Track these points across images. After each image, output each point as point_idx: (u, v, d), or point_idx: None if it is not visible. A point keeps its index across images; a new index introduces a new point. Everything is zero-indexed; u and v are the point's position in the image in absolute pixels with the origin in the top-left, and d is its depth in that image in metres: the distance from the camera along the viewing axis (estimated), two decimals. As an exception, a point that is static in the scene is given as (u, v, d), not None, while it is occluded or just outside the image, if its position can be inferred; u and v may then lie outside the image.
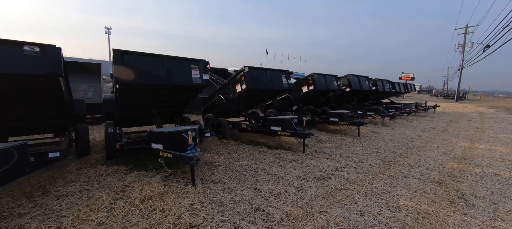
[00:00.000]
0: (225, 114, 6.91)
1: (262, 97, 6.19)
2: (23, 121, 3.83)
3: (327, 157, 4.53)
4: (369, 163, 4.22)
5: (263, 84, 5.41)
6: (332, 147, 5.31)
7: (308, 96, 7.50)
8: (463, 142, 6.33)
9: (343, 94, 9.15)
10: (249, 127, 5.35)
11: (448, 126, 9.09)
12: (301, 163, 4.09)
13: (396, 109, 10.45)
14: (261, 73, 5.42)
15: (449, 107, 19.41)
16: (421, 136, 6.90)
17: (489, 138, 6.92)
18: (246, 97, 5.84)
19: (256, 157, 4.39)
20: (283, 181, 3.28)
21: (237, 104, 6.28)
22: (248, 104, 6.60)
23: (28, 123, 3.98)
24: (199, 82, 4.23)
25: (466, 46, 29.29)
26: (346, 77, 8.75)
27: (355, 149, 5.19)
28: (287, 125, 4.98)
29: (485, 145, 5.98)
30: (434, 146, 5.78)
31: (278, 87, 5.72)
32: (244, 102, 6.31)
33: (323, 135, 6.61)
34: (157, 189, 2.83)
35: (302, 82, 7.32)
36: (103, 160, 4.08)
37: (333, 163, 4.11)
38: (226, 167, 3.83)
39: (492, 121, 10.92)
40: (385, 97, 14.85)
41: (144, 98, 4.24)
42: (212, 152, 4.65)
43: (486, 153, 5.27)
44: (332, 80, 7.65)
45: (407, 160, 4.48)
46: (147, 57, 3.74)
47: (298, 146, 5.33)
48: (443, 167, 4.21)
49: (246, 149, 4.93)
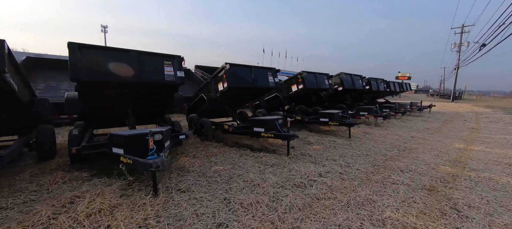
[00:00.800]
0: (209, 114, 6.58)
1: (247, 96, 5.86)
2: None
3: (312, 161, 4.21)
4: (356, 168, 3.91)
5: (247, 83, 5.08)
6: (320, 150, 5.00)
7: (298, 95, 7.19)
8: (457, 144, 6.06)
9: (336, 94, 8.86)
10: (230, 129, 5.02)
11: (443, 127, 8.85)
12: (283, 168, 3.77)
13: (390, 109, 10.20)
14: (245, 70, 5.09)
15: (445, 107, 19.27)
16: (414, 137, 6.63)
17: (485, 139, 6.67)
18: (230, 96, 5.51)
19: (236, 161, 4.06)
20: (258, 190, 2.95)
21: (221, 104, 5.95)
22: (233, 104, 6.27)
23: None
24: (173, 80, 3.89)
25: (462, 45, 29.25)
26: (338, 76, 8.46)
27: (344, 152, 4.89)
28: (270, 126, 4.67)
29: (480, 147, 5.72)
30: (427, 148, 5.50)
31: (264, 85, 5.40)
32: (229, 101, 5.98)
33: (312, 136, 6.30)
34: (110, 200, 2.48)
35: (292, 80, 7.01)
36: (67, 164, 3.73)
37: (318, 168, 3.79)
38: (200, 172, 3.50)
39: (488, 121, 10.72)
40: (380, 96, 14.61)
41: (111, 97, 3.88)
42: (189, 155, 4.31)
43: (481, 155, 5.00)
44: (323, 79, 7.35)
45: (398, 164, 4.18)
46: (110, 51, 3.39)
47: (283, 148, 5.01)
48: (436, 171, 3.92)
49: (227, 152, 4.60)
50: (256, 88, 5.33)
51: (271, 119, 4.69)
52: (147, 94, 4.05)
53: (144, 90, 3.86)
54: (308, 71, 6.73)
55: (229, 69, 4.74)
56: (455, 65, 30.68)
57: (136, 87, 3.69)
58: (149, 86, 3.77)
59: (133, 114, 4.54)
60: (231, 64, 4.78)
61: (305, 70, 6.65)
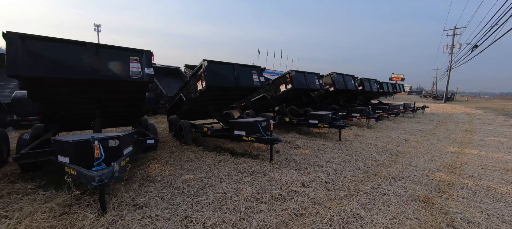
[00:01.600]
0: (191, 115, 6.14)
1: (230, 96, 5.45)
2: None
3: (297, 167, 3.84)
4: (344, 175, 3.55)
5: (228, 81, 4.67)
6: (307, 154, 4.63)
7: (287, 96, 6.83)
8: (452, 147, 5.79)
9: (328, 94, 8.54)
10: (208, 132, 4.60)
11: (437, 128, 8.63)
12: (263, 176, 3.38)
13: (384, 110, 9.94)
14: (226, 68, 4.68)
15: (437, 108, 19.25)
16: (407, 140, 6.33)
17: (479, 142, 6.43)
18: (210, 96, 5.09)
19: (212, 168, 3.65)
20: (229, 204, 2.55)
21: (202, 105, 5.53)
22: (217, 104, 5.85)
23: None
24: (140, 77, 3.45)
25: (454, 47, 29.52)
26: (330, 76, 8.14)
27: (333, 156, 4.53)
28: (252, 129, 4.27)
29: (476, 150, 5.45)
30: (421, 152, 5.19)
31: (247, 84, 5.00)
32: (211, 102, 5.56)
33: (301, 139, 5.93)
34: (41, 222, 2.04)
35: (280, 80, 6.63)
36: (16, 173, 3.25)
37: (302, 176, 3.41)
38: (166, 182, 3.07)
39: (481, 123, 10.58)
40: (373, 97, 14.42)
41: (67, 96, 3.42)
42: (161, 162, 3.88)
43: (477, 160, 4.72)
44: (314, 79, 7.00)
45: (390, 170, 3.84)
46: (61, 43, 2.93)
47: (267, 153, 4.61)
48: (430, 178, 3.59)
49: (205, 158, 4.18)
50: (238, 88, 4.93)
51: (253, 121, 4.29)
52: (110, 93, 3.60)
53: (104, 89, 3.41)
54: (297, 70, 6.37)
55: (208, 67, 4.32)
56: (448, 66, 30.97)
57: (94, 85, 3.25)
58: (110, 84, 3.33)
59: (101, 116, 4.09)
60: (209, 61, 4.37)
61: (294, 69, 6.29)
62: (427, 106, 14.87)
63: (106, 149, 2.60)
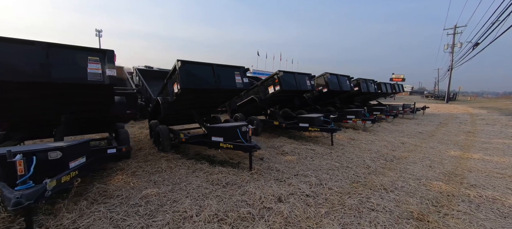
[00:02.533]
0: (173, 120, 5.79)
1: (210, 99, 5.08)
2: None
3: (277, 178, 3.44)
4: (329, 186, 3.15)
5: (206, 83, 4.31)
6: (293, 162, 4.24)
7: (275, 98, 6.45)
8: (453, 151, 5.36)
9: (321, 96, 8.15)
10: (183, 138, 4.23)
11: (437, 130, 8.19)
12: (237, 189, 2.99)
13: (381, 112, 9.52)
14: (204, 69, 4.33)
15: (439, 109, 18.75)
16: (405, 144, 5.91)
17: (483, 145, 5.99)
18: (189, 99, 4.73)
19: (181, 180, 3.27)
20: (186, 226, 2.17)
21: (184, 108, 5.17)
22: (200, 108, 5.48)
23: None
24: (99, 80, 3.10)
25: (455, 46, 29.05)
26: (323, 76, 7.75)
27: (321, 164, 4.13)
28: (231, 135, 3.90)
29: (479, 154, 5.02)
30: (418, 157, 4.78)
31: (228, 86, 4.64)
32: (192, 105, 5.20)
33: (290, 144, 5.54)
34: None
35: (268, 81, 6.27)
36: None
37: (280, 188, 3.02)
38: (123, 199, 2.70)
39: (484, 124, 10.11)
40: (372, 98, 14.00)
41: (18, 100, 3.07)
42: (127, 172, 3.50)
43: (480, 165, 4.30)
44: (304, 79, 6.62)
45: (382, 180, 3.43)
46: (5, 42, 2.59)
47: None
48: (427, 189, 3.18)
49: (179, 167, 3.80)
50: (218, 90, 4.57)
51: (232, 127, 3.92)
52: (67, 98, 3.24)
53: (58, 93, 3.07)
54: (285, 70, 6.00)
55: (182, 67, 3.97)
56: (449, 66, 30.46)
57: (45, 89, 2.90)
58: (65, 88, 2.98)
59: (67, 123, 3.74)
60: (183, 61, 4.02)
61: (282, 70, 5.92)
62: (428, 106, 14.40)
63: (44, 163, 2.24)
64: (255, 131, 6.58)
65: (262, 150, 5.01)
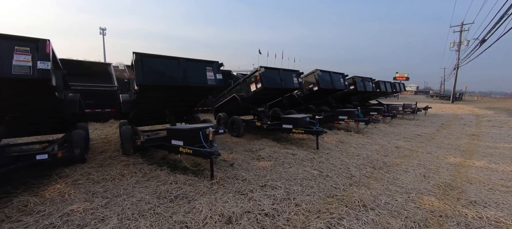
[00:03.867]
0: (143, 120, 5.33)
1: (179, 97, 4.58)
2: None
3: (240, 189, 2.95)
4: (297, 202, 2.64)
5: (171, 80, 3.84)
6: (266, 169, 3.74)
7: (258, 96, 5.94)
8: (453, 157, 4.78)
9: (312, 94, 7.60)
10: (138, 142, 3.75)
11: (438, 133, 7.56)
12: (185, 205, 2.51)
13: (378, 112, 8.92)
14: (168, 64, 3.85)
15: (443, 109, 17.94)
16: (399, 148, 5.34)
17: (487, 150, 5.38)
18: (155, 98, 4.26)
19: (124, 192, 2.80)
20: (91, 260, 1.69)
21: (150, 108, 4.71)
22: (172, 107, 5.00)
23: None
24: (28, 74, 2.65)
25: (461, 44, 28.00)
26: (313, 74, 7.20)
27: (296, 172, 3.62)
28: (192, 139, 3.41)
29: (482, 162, 4.43)
30: (412, 164, 4.22)
31: (198, 83, 4.16)
32: (159, 105, 4.73)
33: (271, 147, 5.03)
34: None
35: (250, 79, 5.75)
36: None
37: (237, 204, 2.53)
38: (42, 216, 2.24)
39: (490, 126, 9.41)
40: (371, 97, 13.37)
41: None
42: (68, 181, 3.05)
43: (483, 175, 3.72)
44: (291, 77, 6.09)
45: (363, 193, 2.91)
46: None
47: (217, 167, 3.74)
48: (416, 207, 2.65)
49: (131, 174, 3.34)
50: (186, 88, 4.09)
51: (194, 129, 3.43)
52: None
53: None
54: (268, 66, 5.48)
55: (138, 61, 3.50)
56: (455, 64, 29.41)
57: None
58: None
59: (11, 123, 3.32)
60: (140, 55, 3.54)
61: (264, 65, 5.39)
62: (430, 106, 13.66)
63: None
64: (237, 132, 6.10)
65: (237, 154, 4.53)
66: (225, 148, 5.06)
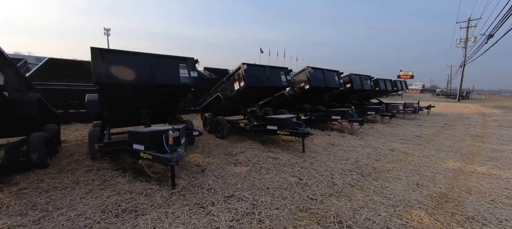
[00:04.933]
0: (117, 121, 5.03)
1: (150, 96, 4.23)
2: None
3: (200, 201, 2.60)
4: (261, 218, 2.27)
5: (136, 78, 3.50)
6: (239, 175, 3.38)
7: (241, 96, 5.57)
8: (452, 161, 4.33)
9: (304, 93, 7.19)
10: (96, 146, 3.42)
11: (439, 133, 7.07)
12: (130, 221, 2.18)
13: (376, 111, 8.45)
14: (133, 61, 3.52)
15: (448, 108, 17.25)
16: (394, 151, 4.91)
17: (492, 154, 4.90)
18: (119, 98, 3.93)
19: (67, 204, 2.48)
20: None
21: (124, 108, 4.40)
22: (148, 107, 4.67)
23: None
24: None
25: (468, 40, 27.04)
26: (305, 71, 6.79)
27: (272, 180, 3.24)
28: (153, 143, 3.07)
29: (485, 167, 3.98)
30: (406, 170, 3.80)
31: (169, 82, 3.82)
32: (143, 105, 4.42)
33: (253, 150, 4.67)
34: None
35: (234, 76, 5.39)
36: None
37: (190, 221, 2.18)
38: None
39: (497, 126, 8.84)
40: (371, 96, 12.85)
41: None
42: (11, 190, 2.75)
43: (485, 184, 3.29)
44: (278, 74, 5.71)
45: (342, 207, 2.52)
46: None
47: (188, 172, 3.40)
48: (402, 224, 2.25)
49: (86, 182, 3.02)
50: (156, 87, 3.76)
51: (155, 132, 3.09)
52: None
53: None
54: (251, 63, 5.10)
55: (96, 56, 3.17)
56: (461, 62, 28.44)
57: None
58: None
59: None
60: (100, 50, 3.21)
61: (247, 62, 5.02)
62: (433, 105, 13.07)
63: None
64: (221, 134, 5.76)
65: (214, 158, 4.18)
66: (204, 151, 4.72)
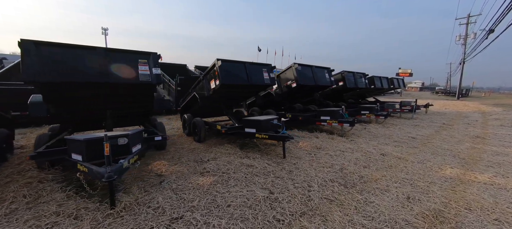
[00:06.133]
0: (83, 123, 4.54)
1: (105, 96, 3.70)
2: None
3: (138, 225, 2.12)
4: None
5: (80, 75, 3.01)
6: (202, 188, 2.90)
7: (218, 95, 5.06)
8: (450, 167, 3.85)
9: (291, 92, 6.69)
10: (27, 157, 2.94)
11: (437, 134, 6.59)
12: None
13: (371, 111, 7.98)
14: (76, 55, 3.02)
15: (447, 106, 16.77)
16: (385, 156, 4.43)
17: (494, 158, 4.42)
18: (65, 98, 3.43)
19: None
20: None
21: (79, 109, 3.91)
22: (114, 108, 4.17)
23: None
24: None
25: (468, 37, 26.51)
26: (291, 69, 6.30)
27: (237, 194, 2.76)
28: (92, 152, 2.59)
29: (487, 175, 3.50)
30: (396, 179, 3.32)
31: (124, 80, 3.33)
32: (107, 105, 3.92)
33: (227, 156, 4.19)
34: None
35: (210, 74, 4.89)
36: None
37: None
38: None
39: (498, 125, 8.36)
40: (367, 95, 12.37)
41: None
42: None
43: (487, 197, 2.81)
44: (260, 72, 5.21)
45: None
46: None
47: (144, 184, 2.92)
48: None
49: (17, 198, 2.54)
50: (110, 85, 3.27)
51: (95, 139, 2.61)
52: None
53: None
54: (227, 59, 4.59)
55: (26, 50, 2.67)
56: (461, 59, 27.94)
57: None
58: None
59: None
60: (35, 43, 2.72)
61: (222, 58, 4.51)
62: (431, 104, 12.59)
63: None
64: (198, 137, 5.28)
65: (181, 166, 3.71)
66: (174, 157, 4.25)
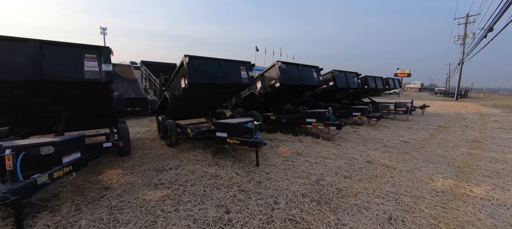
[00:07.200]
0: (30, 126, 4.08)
1: (39, 98, 3.21)
2: None
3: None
4: None
5: (11, 73, 2.57)
6: (146, 206, 2.44)
7: (188, 96, 4.60)
8: (442, 178, 3.41)
9: (275, 92, 6.23)
10: None
11: (431, 138, 6.15)
12: None
13: (362, 112, 7.53)
14: (5, 49, 2.58)
15: (445, 107, 16.34)
16: (371, 164, 3.98)
17: (492, 166, 3.98)
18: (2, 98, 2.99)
19: None
20: None
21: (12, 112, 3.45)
22: (70, 110, 3.72)
23: None
24: None
25: (467, 37, 26.13)
26: (275, 67, 5.85)
27: (185, 214, 2.31)
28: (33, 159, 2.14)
29: (484, 187, 3.06)
30: (380, 193, 2.87)
31: (67, 78, 2.88)
32: (51, 108, 3.47)
33: (194, 163, 3.74)
34: None
35: (180, 72, 4.43)
36: None
37: None
38: None
39: (497, 128, 7.92)
40: (361, 96, 11.94)
41: None
42: None
43: (484, 217, 2.36)
44: (238, 70, 4.75)
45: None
46: None
47: (83, 198, 2.47)
48: None
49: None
50: (45, 84, 2.82)
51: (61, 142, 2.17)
52: None
53: None
54: (197, 55, 4.13)
55: None
56: (459, 59, 27.54)
57: None
58: None
59: None
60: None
61: (191, 54, 4.05)
62: (428, 105, 12.16)
63: None
64: (169, 140, 4.83)
65: (135, 176, 3.25)
66: (135, 164, 3.81)
